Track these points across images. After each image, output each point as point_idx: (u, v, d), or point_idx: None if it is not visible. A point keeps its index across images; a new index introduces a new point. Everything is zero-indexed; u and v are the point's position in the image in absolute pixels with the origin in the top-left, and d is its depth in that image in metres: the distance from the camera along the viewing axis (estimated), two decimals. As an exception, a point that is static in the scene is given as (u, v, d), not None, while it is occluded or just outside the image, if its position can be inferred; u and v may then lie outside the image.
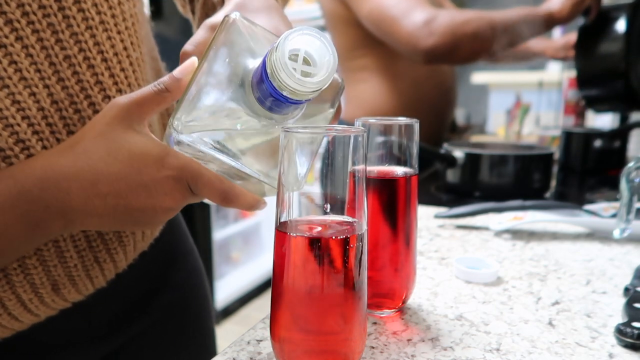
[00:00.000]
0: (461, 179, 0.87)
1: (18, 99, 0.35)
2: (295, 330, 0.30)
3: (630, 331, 0.36)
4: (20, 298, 0.39)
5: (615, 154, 1.07)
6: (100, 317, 0.48)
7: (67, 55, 0.37)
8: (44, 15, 0.36)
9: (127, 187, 0.33)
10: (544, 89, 1.92)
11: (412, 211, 0.41)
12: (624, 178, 0.51)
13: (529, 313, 0.42)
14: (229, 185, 0.36)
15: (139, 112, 0.35)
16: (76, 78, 0.38)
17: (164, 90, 0.35)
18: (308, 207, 0.30)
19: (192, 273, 0.60)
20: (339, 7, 1.11)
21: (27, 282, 0.39)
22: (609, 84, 1.00)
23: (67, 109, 0.38)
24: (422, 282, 0.49)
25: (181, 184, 0.35)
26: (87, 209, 0.33)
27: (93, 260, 0.42)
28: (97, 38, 0.39)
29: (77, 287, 0.42)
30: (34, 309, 0.40)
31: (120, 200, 0.34)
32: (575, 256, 0.57)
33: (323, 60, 0.31)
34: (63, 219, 0.33)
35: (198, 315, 0.60)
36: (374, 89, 1.16)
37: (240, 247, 2.70)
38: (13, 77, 0.35)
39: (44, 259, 0.39)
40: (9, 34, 0.34)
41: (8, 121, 0.35)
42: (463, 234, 0.65)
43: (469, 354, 0.36)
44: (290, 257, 0.29)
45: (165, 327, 0.55)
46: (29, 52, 0.35)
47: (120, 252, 0.44)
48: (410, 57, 1.00)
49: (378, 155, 0.40)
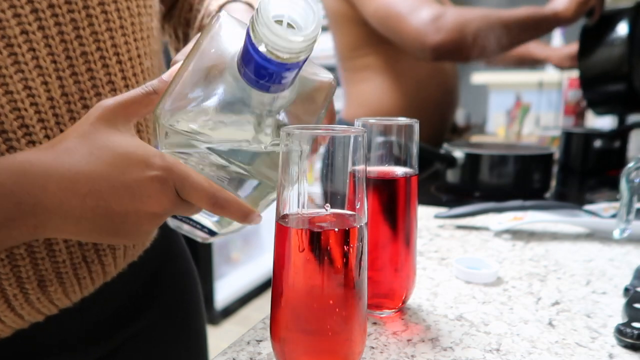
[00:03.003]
0: (461, 179, 0.87)
1: (30, 85, 0.36)
2: (295, 330, 0.30)
3: (630, 331, 0.36)
4: (4, 293, 0.38)
5: (615, 154, 1.07)
6: (94, 319, 0.47)
7: (84, 52, 0.39)
8: (69, 10, 0.37)
9: (108, 188, 0.31)
10: (544, 89, 1.92)
11: (412, 211, 0.41)
12: (624, 178, 0.51)
13: (529, 313, 0.42)
14: (218, 189, 0.34)
15: (125, 114, 0.34)
16: (90, 75, 0.39)
17: (152, 92, 0.34)
18: (308, 207, 0.30)
19: (184, 275, 0.60)
20: (343, 6, 1.11)
21: (14, 275, 0.38)
22: (612, 86, 1.00)
23: (76, 102, 0.39)
24: (422, 282, 0.49)
25: (167, 186, 0.33)
26: (62, 211, 0.31)
27: (81, 258, 0.41)
28: (115, 40, 0.40)
29: (64, 287, 0.41)
30: (17, 307, 0.39)
31: (101, 202, 0.31)
32: (575, 256, 0.57)
33: (308, 20, 0.29)
34: (34, 219, 0.31)
35: (190, 317, 0.60)
36: (376, 89, 1.16)
37: (240, 247, 2.70)
38: (29, 64, 0.36)
39: (33, 250, 0.38)
40: (32, 21, 0.35)
41: (16, 105, 0.35)
42: (463, 234, 0.65)
43: (469, 354, 0.36)
44: (290, 251, 0.29)
45: (158, 330, 0.55)
46: (48, 42, 0.37)
47: (110, 255, 0.43)
48: (417, 54, 1.00)
49: (378, 155, 0.40)
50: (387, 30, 1.02)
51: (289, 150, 0.29)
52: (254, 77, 0.31)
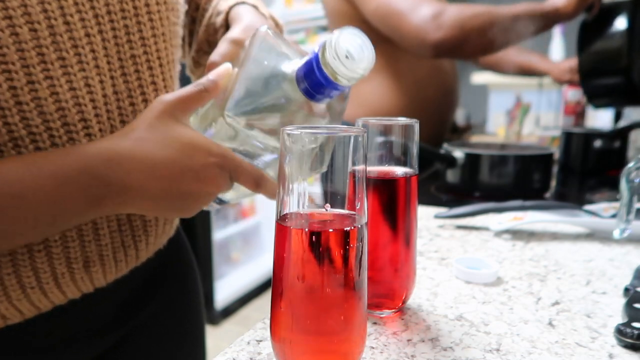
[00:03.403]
0: (461, 179, 0.87)
1: (90, 82, 0.40)
2: (295, 330, 0.30)
3: (630, 331, 0.36)
4: (54, 271, 0.41)
5: (615, 154, 1.07)
6: (103, 310, 0.49)
7: (133, 55, 0.43)
8: (123, 17, 0.41)
9: (178, 171, 0.37)
10: (544, 89, 1.92)
11: (412, 211, 0.41)
12: (624, 178, 0.51)
13: (529, 313, 0.42)
14: (261, 172, 0.41)
15: (183, 108, 0.40)
16: (136, 75, 0.43)
17: (203, 90, 0.40)
18: (308, 207, 0.30)
19: (186, 265, 0.62)
20: (343, 5, 1.11)
21: (64, 255, 0.41)
22: (611, 79, 1.00)
23: (124, 100, 0.43)
24: (422, 282, 0.49)
25: (224, 170, 0.40)
26: (142, 191, 0.37)
27: (120, 243, 0.45)
28: (158, 45, 0.45)
29: (104, 268, 0.45)
30: (63, 285, 0.42)
31: (173, 183, 0.37)
32: (575, 256, 0.57)
33: (362, 55, 0.38)
34: (119, 198, 0.36)
35: (190, 308, 0.62)
36: (376, 89, 1.16)
37: (240, 248, 2.70)
38: (90, 63, 0.39)
39: (82, 233, 0.42)
40: (94, 25, 0.39)
41: (78, 100, 0.39)
42: (463, 234, 0.65)
43: (469, 354, 0.36)
44: (290, 251, 0.29)
45: (163, 320, 0.57)
46: (105, 44, 0.40)
47: (143, 241, 0.48)
48: (418, 52, 1.00)
49: (378, 155, 0.40)
50: (388, 28, 1.02)
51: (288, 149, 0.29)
52: (312, 91, 0.40)
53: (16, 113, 0.36)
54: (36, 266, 0.40)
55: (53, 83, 0.37)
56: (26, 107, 0.36)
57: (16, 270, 0.39)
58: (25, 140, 0.37)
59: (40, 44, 0.36)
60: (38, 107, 0.37)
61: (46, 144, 0.38)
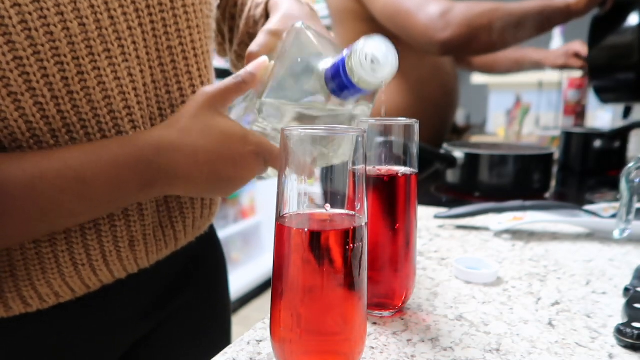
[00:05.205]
0: (461, 179, 0.87)
1: (132, 72, 0.42)
2: (295, 330, 0.30)
3: (630, 331, 0.36)
4: (103, 249, 0.44)
5: (615, 154, 1.07)
6: (144, 295, 0.52)
7: (169, 46, 0.45)
8: (160, 10, 0.44)
9: (219, 159, 0.41)
10: (544, 89, 1.92)
11: (412, 211, 0.41)
12: (624, 178, 0.51)
13: (528, 313, 0.42)
14: None
15: (222, 100, 0.43)
16: (172, 66, 0.46)
17: (242, 82, 0.43)
18: (308, 207, 0.30)
19: (219, 261, 0.66)
20: (349, 3, 1.11)
21: (111, 234, 0.44)
22: (621, 74, 1.00)
23: (161, 89, 0.46)
24: (422, 282, 0.49)
25: (259, 157, 0.43)
26: (187, 176, 0.41)
27: (158, 223, 0.49)
28: (192, 37, 0.47)
29: (147, 247, 0.48)
30: (111, 263, 0.45)
31: (213, 169, 0.41)
32: (575, 256, 0.57)
33: (387, 61, 0.40)
34: (167, 182, 0.41)
35: (222, 300, 0.65)
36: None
37: (240, 248, 2.70)
38: (132, 54, 0.42)
39: (127, 212, 0.45)
40: (135, 19, 0.42)
41: (122, 89, 0.42)
42: (463, 234, 0.65)
43: (468, 354, 0.36)
44: (290, 251, 0.29)
45: (195, 310, 0.60)
46: (144, 36, 0.43)
47: (180, 223, 0.51)
48: (425, 50, 1.00)
49: (378, 155, 0.40)
50: (396, 26, 1.02)
51: (289, 149, 0.29)
52: (338, 91, 0.43)
53: (68, 101, 0.39)
54: (87, 243, 0.43)
55: (100, 73, 0.40)
56: (77, 96, 0.39)
57: (70, 247, 0.43)
58: (76, 126, 0.40)
59: (89, 37, 0.39)
60: (87, 96, 0.40)
61: (94, 129, 0.41)
